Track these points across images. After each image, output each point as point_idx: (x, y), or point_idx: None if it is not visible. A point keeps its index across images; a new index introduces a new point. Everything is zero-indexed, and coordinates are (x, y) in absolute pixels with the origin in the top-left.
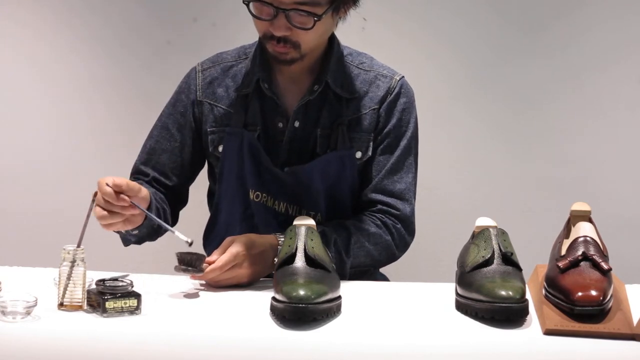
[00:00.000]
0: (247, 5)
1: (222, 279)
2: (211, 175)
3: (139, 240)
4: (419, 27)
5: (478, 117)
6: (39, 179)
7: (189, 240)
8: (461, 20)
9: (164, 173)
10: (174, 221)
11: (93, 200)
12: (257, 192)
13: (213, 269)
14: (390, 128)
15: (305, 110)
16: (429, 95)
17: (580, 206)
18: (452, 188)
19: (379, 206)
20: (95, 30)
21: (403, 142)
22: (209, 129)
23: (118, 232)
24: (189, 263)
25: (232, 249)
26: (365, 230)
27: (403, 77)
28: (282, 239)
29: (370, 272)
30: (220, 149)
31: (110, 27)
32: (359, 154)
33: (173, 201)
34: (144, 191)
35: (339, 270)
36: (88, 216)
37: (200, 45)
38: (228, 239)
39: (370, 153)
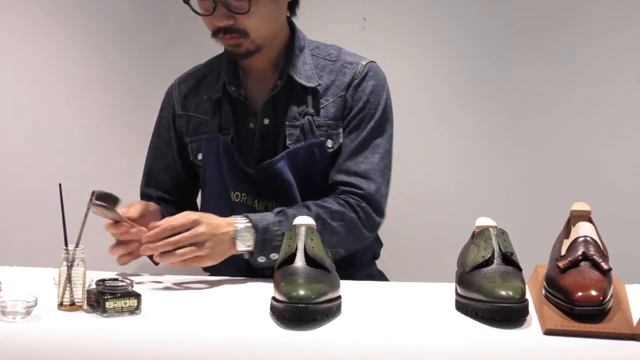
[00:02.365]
0: (189, 4)
1: (185, 259)
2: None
3: None
4: (419, 28)
5: (478, 117)
6: (40, 179)
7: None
8: (461, 21)
9: (166, 190)
10: None
11: (90, 200)
12: (237, 193)
13: (156, 233)
14: (357, 111)
15: (273, 106)
16: (429, 95)
17: (580, 206)
18: (452, 188)
19: (342, 187)
20: (94, 31)
21: (370, 124)
22: (188, 140)
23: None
24: (104, 199)
25: (197, 228)
26: (327, 208)
27: (372, 62)
28: (238, 220)
29: (365, 264)
30: (200, 156)
31: (109, 27)
32: (329, 143)
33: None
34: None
35: None
36: (86, 216)
37: (200, 45)
38: (187, 214)
39: (341, 140)
